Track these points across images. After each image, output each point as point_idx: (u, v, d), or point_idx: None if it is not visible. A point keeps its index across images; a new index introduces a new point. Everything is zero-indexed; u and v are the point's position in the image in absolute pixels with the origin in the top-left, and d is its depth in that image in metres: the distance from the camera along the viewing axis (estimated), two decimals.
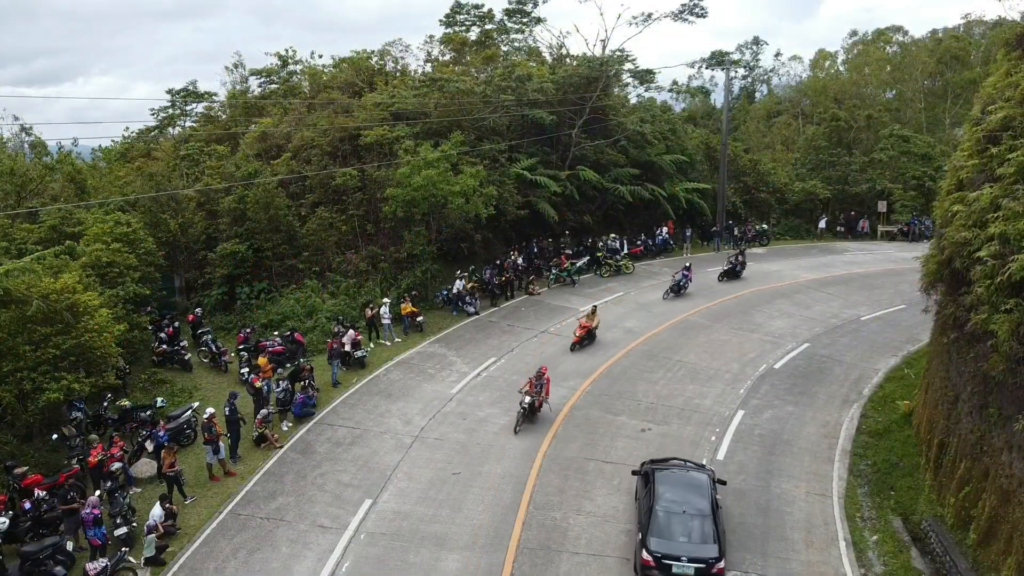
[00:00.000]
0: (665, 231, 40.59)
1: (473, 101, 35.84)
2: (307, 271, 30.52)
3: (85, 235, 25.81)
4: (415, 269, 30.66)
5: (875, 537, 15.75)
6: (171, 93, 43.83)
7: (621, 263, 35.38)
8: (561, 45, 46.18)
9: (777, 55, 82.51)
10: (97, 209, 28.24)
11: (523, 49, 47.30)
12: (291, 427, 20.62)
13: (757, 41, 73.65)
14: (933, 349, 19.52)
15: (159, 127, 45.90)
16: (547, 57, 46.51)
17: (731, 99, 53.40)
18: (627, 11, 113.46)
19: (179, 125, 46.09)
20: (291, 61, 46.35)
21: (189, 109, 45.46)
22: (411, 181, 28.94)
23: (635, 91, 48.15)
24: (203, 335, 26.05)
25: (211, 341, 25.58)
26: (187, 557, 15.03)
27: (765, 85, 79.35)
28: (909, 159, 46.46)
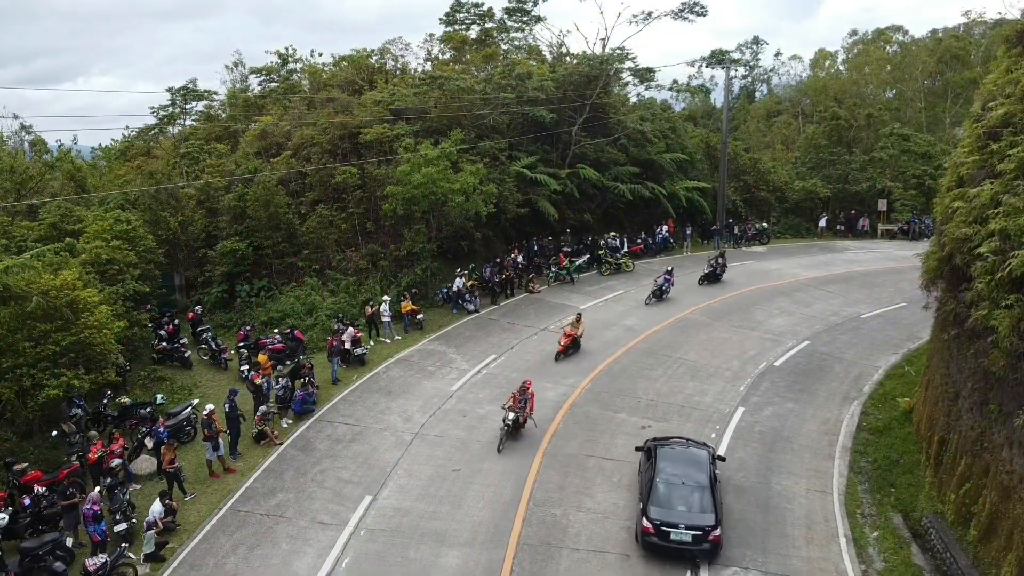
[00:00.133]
0: (665, 229, 40.57)
1: (473, 99, 35.80)
2: (307, 269, 30.52)
3: (85, 232, 25.81)
4: (415, 267, 30.65)
5: (875, 533, 15.75)
6: (171, 91, 43.82)
7: (621, 261, 35.36)
8: (561, 44, 46.16)
9: (777, 55, 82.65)
10: (97, 207, 28.23)
11: (523, 48, 47.26)
12: (291, 424, 20.61)
13: (757, 41, 73.55)
14: (933, 346, 19.52)
15: (159, 125, 45.86)
16: (547, 56, 46.47)
17: (731, 98, 53.34)
18: (627, 9, 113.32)
19: (179, 124, 46.04)
20: (291, 59, 46.39)
21: (189, 108, 45.40)
22: (411, 179, 28.91)
23: (635, 90, 48.11)
24: (203, 333, 26.07)
25: (211, 339, 25.59)
26: (187, 553, 15.03)
27: (765, 85, 79.35)
28: (909, 158, 46.46)
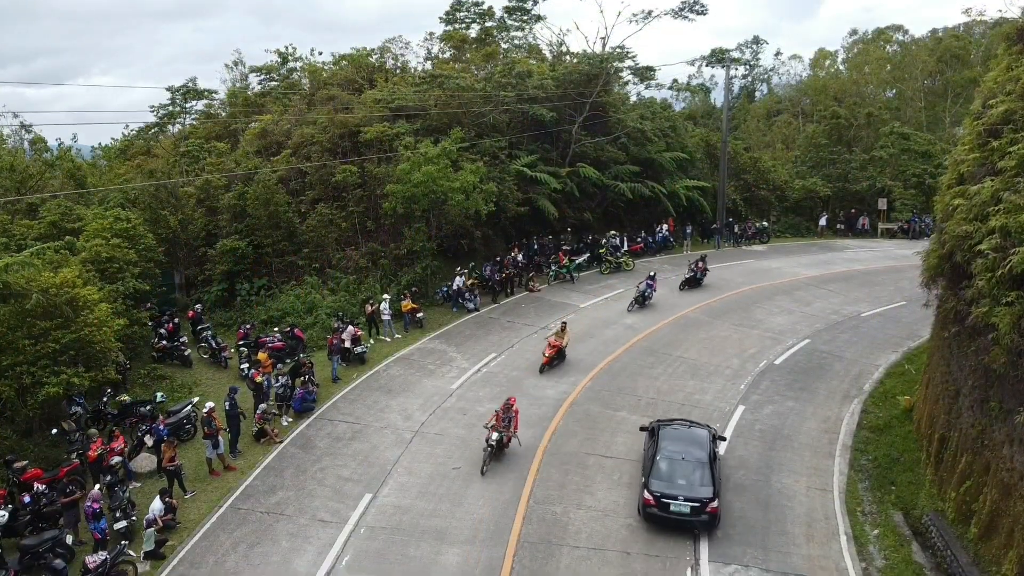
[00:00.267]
0: (665, 228, 40.56)
1: (473, 98, 35.77)
2: (307, 267, 30.51)
3: (85, 231, 25.78)
4: (415, 265, 30.63)
5: (876, 531, 15.74)
6: (171, 90, 43.81)
7: (621, 260, 35.36)
8: (561, 43, 46.23)
9: (777, 54, 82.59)
10: (97, 205, 28.20)
11: (523, 47, 47.27)
12: (291, 422, 20.60)
13: (757, 40, 73.41)
14: (934, 344, 19.51)
15: (159, 124, 45.84)
16: (547, 55, 46.49)
17: (731, 97, 53.31)
18: (627, 8, 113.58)
19: (179, 123, 46.04)
20: (291, 58, 46.40)
21: (189, 107, 45.39)
22: (411, 177, 28.89)
23: (635, 89, 48.19)
24: (203, 331, 26.04)
25: (211, 337, 25.57)
26: (187, 551, 15.02)
27: (765, 84, 79.25)
28: (909, 157, 46.47)
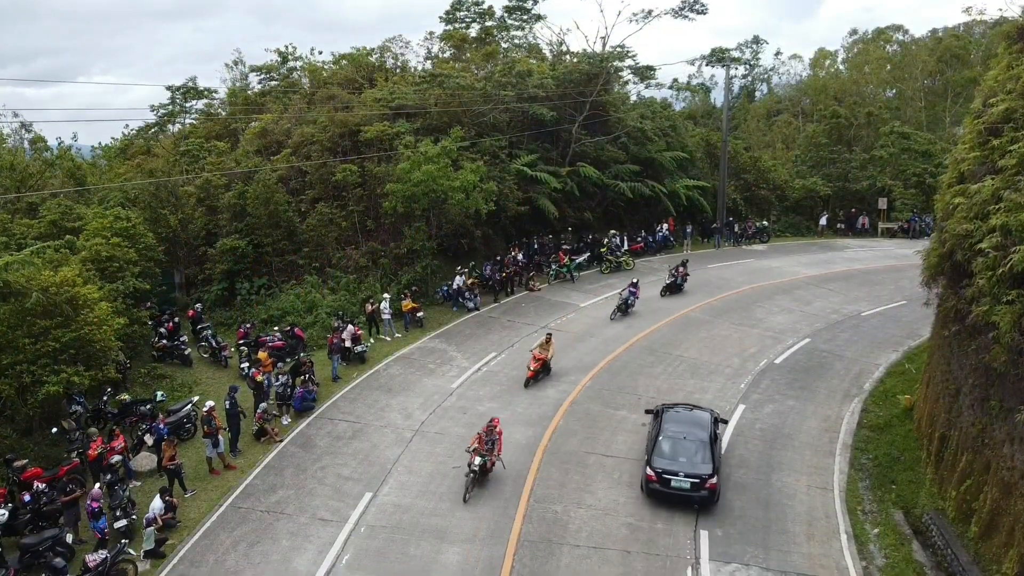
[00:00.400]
0: (666, 228, 40.56)
1: (473, 97, 35.78)
2: (307, 267, 30.50)
3: (85, 230, 25.77)
4: (415, 265, 30.62)
5: (876, 530, 15.74)
6: (171, 90, 43.81)
7: (621, 259, 35.36)
8: (561, 42, 46.31)
9: (777, 54, 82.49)
10: (97, 204, 28.19)
11: (523, 46, 47.26)
12: (291, 421, 20.60)
13: (757, 40, 73.33)
14: (934, 343, 19.50)
15: (159, 124, 45.84)
16: (547, 54, 46.49)
17: (731, 97, 53.31)
18: (627, 7, 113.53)
19: (179, 122, 46.04)
20: (291, 58, 46.37)
21: (189, 106, 45.39)
22: (411, 177, 28.87)
23: (635, 88, 48.15)
24: (203, 330, 26.02)
25: (211, 336, 25.55)
26: (187, 550, 15.01)
27: (765, 84, 79.26)
28: (909, 156, 46.47)
